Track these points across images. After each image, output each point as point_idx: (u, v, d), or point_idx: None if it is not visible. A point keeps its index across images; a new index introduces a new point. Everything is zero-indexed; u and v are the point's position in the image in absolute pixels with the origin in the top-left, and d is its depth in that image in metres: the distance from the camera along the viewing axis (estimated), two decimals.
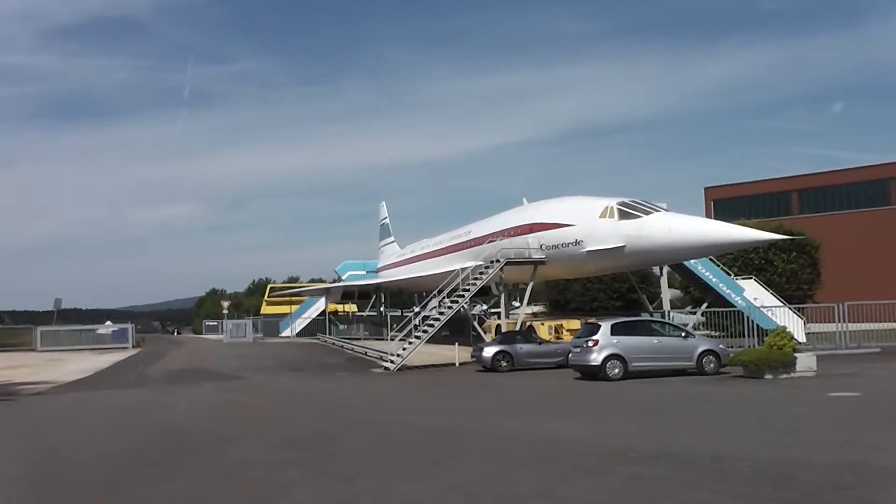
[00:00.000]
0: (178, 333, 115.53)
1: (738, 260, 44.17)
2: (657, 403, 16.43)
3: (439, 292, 34.44)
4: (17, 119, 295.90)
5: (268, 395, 22.43)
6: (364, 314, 65.13)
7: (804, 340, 33.30)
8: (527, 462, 10.05)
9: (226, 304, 70.46)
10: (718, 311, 34.85)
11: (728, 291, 34.36)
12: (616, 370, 22.37)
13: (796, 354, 21.29)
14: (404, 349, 31.26)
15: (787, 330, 22.21)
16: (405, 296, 57.64)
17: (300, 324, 67.58)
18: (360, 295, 61.21)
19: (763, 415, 13.70)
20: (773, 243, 44.46)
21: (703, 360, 23.06)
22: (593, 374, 22.66)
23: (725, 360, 22.89)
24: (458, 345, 32.26)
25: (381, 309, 58.58)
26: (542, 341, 29.44)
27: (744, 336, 31.15)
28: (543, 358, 27.93)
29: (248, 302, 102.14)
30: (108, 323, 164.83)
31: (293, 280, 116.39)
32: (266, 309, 76.96)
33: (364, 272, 67.70)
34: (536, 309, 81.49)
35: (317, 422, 15.48)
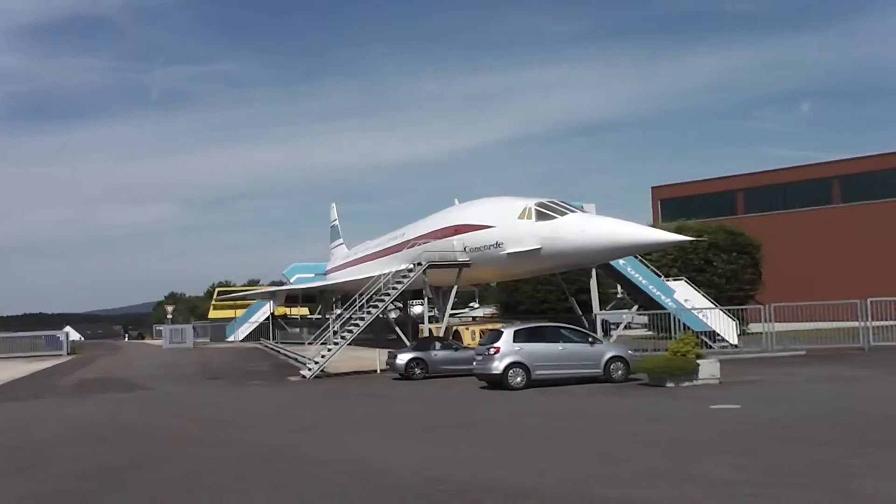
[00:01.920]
0: (142, 338, 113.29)
1: (679, 261, 43.54)
2: (526, 421, 15.45)
3: (360, 297, 33.31)
4: None
5: (152, 409, 21.37)
6: (312, 318, 63.99)
7: (736, 342, 32.66)
8: (304, 497, 9.03)
9: (170, 308, 68.86)
10: (649, 314, 34.27)
11: (658, 293, 33.50)
12: (518, 378, 21.43)
13: (699, 361, 20.42)
14: (323, 356, 30.25)
15: (692, 335, 21.31)
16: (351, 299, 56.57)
17: (247, 328, 66.17)
18: (304, 298, 59.94)
19: (620, 436, 12.78)
20: (712, 243, 44.16)
21: (611, 366, 22.18)
22: (497, 382, 21.71)
23: (634, 366, 22.01)
24: (384, 350, 31.23)
25: (325, 313, 57.35)
26: (458, 347, 28.47)
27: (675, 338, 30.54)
28: (459, 365, 26.87)
29: (204, 305, 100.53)
30: (67, 328, 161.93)
31: (253, 283, 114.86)
32: (213, 313, 75.46)
33: (313, 275, 66.38)
34: (488, 311, 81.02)
35: (162, 442, 14.45)
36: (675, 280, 35.47)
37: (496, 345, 21.98)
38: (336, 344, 30.84)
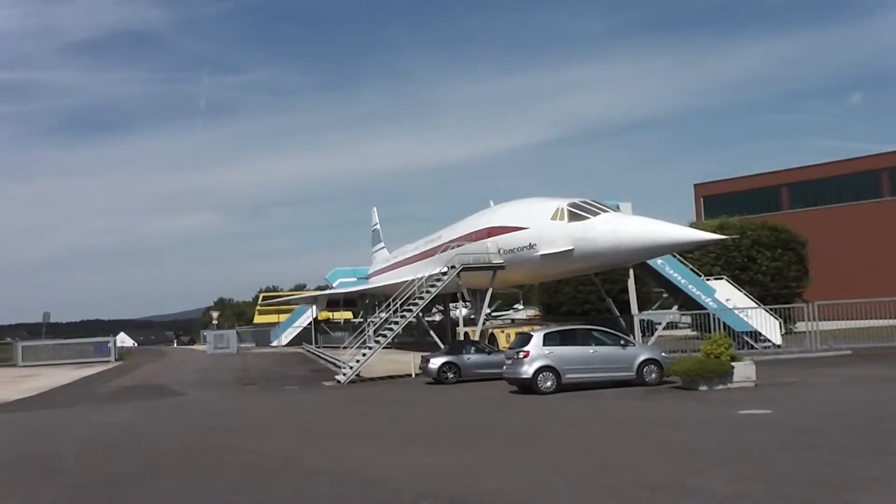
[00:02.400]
0: (192, 343, 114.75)
1: (721, 259, 42.62)
2: (544, 427, 15.02)
3: (394, 301, 33.19)
4: (36, 134, 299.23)
5: (176, 416, 21.38)
6: (355, 321, 64.14)
7: (780, 342, 31.78)
8: None
9: (215, 314, 69.65)
10: (692, 314, 33.49)
11: (698, 293, 32.72)
12: (548, 383, 21.01)
13: (734, 364, 19.77)
14: (357, 361, 30.20)
15: (725, 336, 20.63)
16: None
17: (291, 333, 66.54)
18: (345, 302, 60.10)
19: (634, 443, 12.30)
20: (756, 241, 43.12)
21: (644, 369, 21.61)
22: (526, 387, 21.34)
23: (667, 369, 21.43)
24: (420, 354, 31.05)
25: (366, 317, 57.41)
26: (491, 351, 28.11)
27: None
28: (493, 368, 26.46)
29: (250, 310, 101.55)
30: (121, 334, 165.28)
31: (299, 287, 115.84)
32: (258, 318, 76.04)
33: (355, 279, 66.53)
34: (531, 313, 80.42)
35: (172, 451, 14.44)
36: (716, 279, 34.60)
37: (525, 349, 21.59)
38: (370, 349, 30.77)
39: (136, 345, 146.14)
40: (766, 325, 32.12)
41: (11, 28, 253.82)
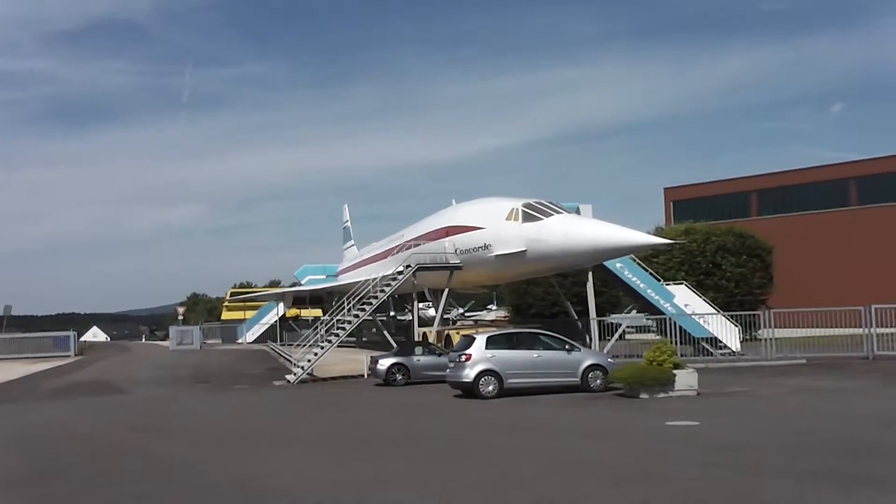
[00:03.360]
0: (167, 339, 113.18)
1: (686, 264, 42.40)
2: (470, 435, 14.55)
3: (347, 300, 32.64)
4: (19, 123, 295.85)
5: (109, 415, 20.77)
6: (324, 319, 63.41)
7: (738, 349, 31.45)
8: None
9: (180, 309, 68.72)
10: (656, 319, 33.07)
11: (657, 297, 32.33)
12: (490, 387, 20.57)
13: (676, 372, 19.36)
14: (309, 360, 29.67)
15: (668, 343, 20.21)
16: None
17: (258, 329, 65.68)
18: (312, 300, 59.35)
19: (548, 455, 11.83)
20: (721, 246, 42.88)
21: (589, 375, 21.19)
22: (468, 390, 20.87)
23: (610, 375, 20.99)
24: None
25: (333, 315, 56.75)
26: (442, 352, 27.60)
27: (676, 345, 29.43)
28: (442, 371, 25.81)
29: (222, 306, 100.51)
30: (94, 329, 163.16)
31: (274, 284, 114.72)
32: (226, 314, 75.11)
33: (324, 276, 65.83)
34: (501, 314, 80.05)
35: (85, 452, 14.08)
36: (675, 284, 34.24)
37: (468, 351, 21.14)
38: (321, 348, 30.24)
39: (108, 339, 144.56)
40: (725, 331, 31.80)
41: None
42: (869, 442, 12.16)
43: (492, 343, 21.31)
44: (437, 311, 35.08)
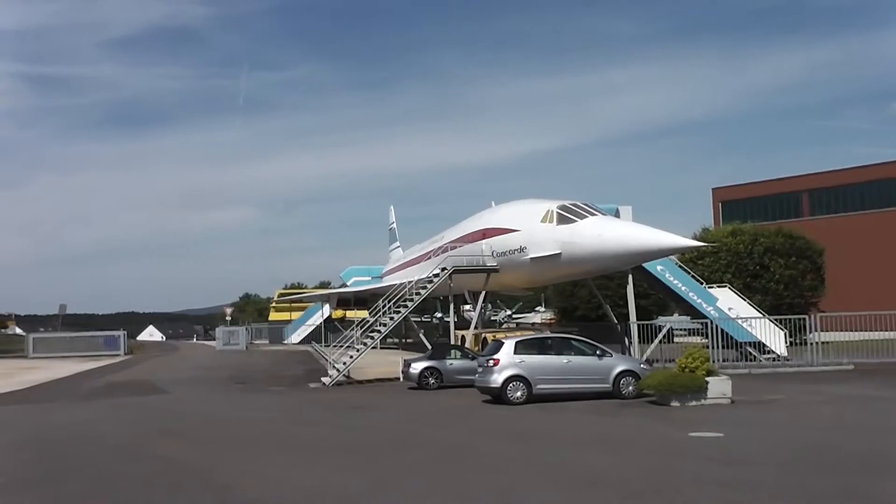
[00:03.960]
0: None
1: (732, 266, 41.22)
2: (483, 443, 14.09)
3: (384, 302, 32.48)
4: (77, 127, 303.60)
5: (134, 416, 20.85)
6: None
7: (785, 354, 30.45)
8: None
9: (228, 310, 69.54)
10: (702, 322, 32.15)
11: (699, 301, 31.47)
12: (518, 393, 20.12)
13: (708, 379, 18.68)
14: (344, 363, 29.58)
15: (704, 350, 19.50)
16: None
17: (304, 330, 66.13)
18: (356, 301, 59.47)
19: (556, 468, 11.39)
20: (769, 248, 41.62)
21: (621, 381, 20.59)
22: (496, 396, 20.48)
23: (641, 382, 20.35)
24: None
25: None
26: (475, 356, 27.24)
27: (718, 349, 28.65)
28: (475, 375, 25.75)
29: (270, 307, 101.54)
30: (151, 328, 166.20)
31: (324, 285, 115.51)
32: (273, 315, 75.81)
33: (369, 278, 65.97)
34: (547, 316, 79.31)
35: (93, 455, 14.08)
36: (718, 287, 33.28)
37: (496, 356, 20.72)
38: (357, 351, 30.12)
39: (163, 338, 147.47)
40: (771, 335, 30.80)
41: (55, 24, 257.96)
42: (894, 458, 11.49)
43: (521, 348, 20.86)
44: (475, 314, 34.71)
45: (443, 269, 31.68)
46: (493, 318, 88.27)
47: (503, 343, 21.25)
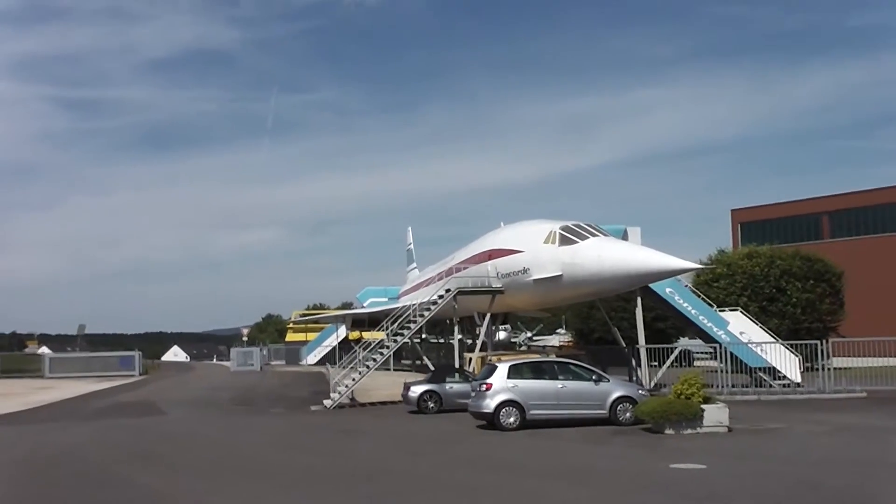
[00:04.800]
0: None
1: (748, 289, 40.33)
2: (451, 475, 13.53)
3: (391, 323, 32.12)
4: (112, 149, 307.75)
5: (126, 440, 20.52)
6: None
7: (798, 380, 29.53)
8: None
9: (245, 330, 69.45)
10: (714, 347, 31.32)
11: (709, 324, 30.68)
12: (511, 419, 19.60)
13: (704, 406, 18.02)
14: (346, 386, 29.25)
15: (699, 377, 18.82)
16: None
17: (320, 351, 65.79)
18: (370, 322, 59.06)
19: (496, 501, 10.95)
20: (786, 270, 40.67)
21: (618, 407, 19.98)
22: (489, 421, 19.93)
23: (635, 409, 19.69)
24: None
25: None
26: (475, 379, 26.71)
27: (728, 374, 27.87)
28: None
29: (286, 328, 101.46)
30: (175, 348, 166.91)
31: (346, 306, 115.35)
32: (290, 336, 75.66)
33: (386, 299, 65.59)
34: (565, 338, 78.40)
35: (59, 483, 13.78)
36: (730, 311, 32.45)
37: (488, 381, 20.22)
38: (360, 373, 29.75)
39: (188, 358, 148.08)
40: (784, 361, 29.88)
41: (92, 47, 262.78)
42: (877, 496, 10.83)
43: (514, 372, 20.34)
44: (487, 336, 34.24)
45: (447, 291, 31.25)
46: (512, 339, 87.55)
47: (496, 367, 20.75)
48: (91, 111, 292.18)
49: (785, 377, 29.60)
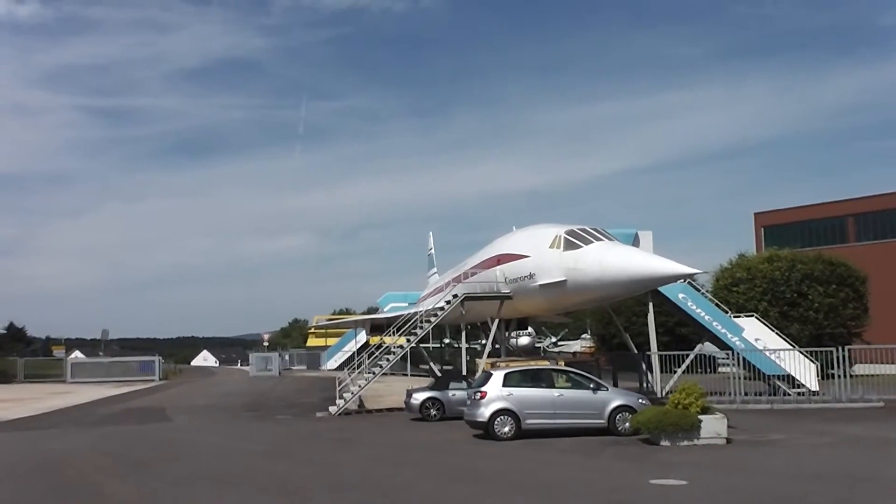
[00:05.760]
0: None
1: (768, 294, 39.39)
2: (429, 487, 13.13)
3: (397, 330, 31.78)
4: (144, 157, 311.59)
5: (121, 448, 20.24)
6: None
7: (815, 388, 28.64)
8: None
9: (266, 336, 69.58)
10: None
11: (724, 331, 29.86)
12: (506, 428, 19.15)
13: (702, 417, 17.39)
14: (352, 392, 28.97)
15: (695, 385, 18.16)
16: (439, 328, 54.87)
17: (341, 356, 65.69)
18: (389, 327, 58.79)
19: None
20: (806, 274, 39.67)
21: (617, 417, 19.43)
22: (484, 430, 19.46)
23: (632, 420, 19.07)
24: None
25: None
26: None
27: (740, 381, 27.10)
28: None
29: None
30: (205, 353, 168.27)
31: (372, 310, 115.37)
32: (311, 341, 75.69)
33: (406, 304, 65.26)
34: (587, 345, 77.49)
35: (28, 492, 13.53)
36: (745, 316, 31.62)
37: (483, 389, 19.76)
38: (366, 380, 29.44)
39: (217, 363, 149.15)
40: (802, 368, 29.00)
41: (123, 57, 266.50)
42: None
43: (510, 380, 19.87)
44: (488, 342, 33.69)
45: (454, 297, 30.83)
46: (536, 344, 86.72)
47: (492, 374, 20.28)
48: (123, 120, 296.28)
49: (802, 385, 28.73)
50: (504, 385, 19.66)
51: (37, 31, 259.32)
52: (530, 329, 76.42)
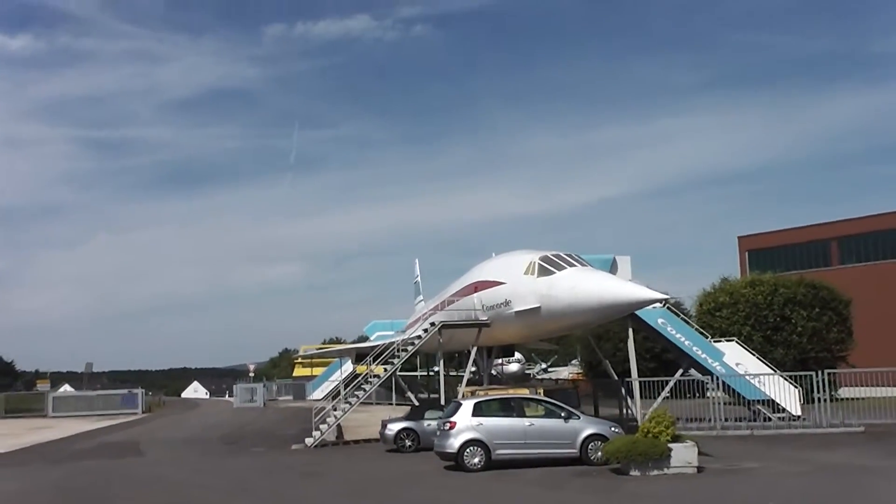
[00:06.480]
0: None
1: (752, 318, 39.14)
2: None
3: (374, 359, 31.37)
4: (135, 187, 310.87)
5: (81, 486, 19.79)
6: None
7: (798, 413, 28.28)
8: None
9: (251, 366, 69.04)
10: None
11: (704, 356, 29.54)
12: (476, 459, 18.74)
13: (671, 445, 17.03)
14: (328, 424, 28.50)
15: (665, 412, 17.84)
16: (428, 356, 54.37)
17: (327, 386, 65.10)
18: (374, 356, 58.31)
19: None
20: (789, 298, 39.44)
21: (589, 446, 19.02)
22: (454, 461, 19.05)
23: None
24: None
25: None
26: None
27: (720, 407, 26.75)
28: None
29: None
30: (195, 384, 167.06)
31: (362, 339, 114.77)
32: (298, 371, 75.10)
33: (392, 332, 64.81)
34: (574, 371, 77.08)
35: None
36: (726, 341, 31.35)
37: (452, 419, 19.37)
38: (342, 411, 28.98)
39: (208, 394, 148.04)
40: (784, 393, 28.66)
41: (116, 89, 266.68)
42: None
43: (479, 410, 19.49)
44: (466, 371, 33.36)
45: (432, 325, 30.49)
46: (526, 371, 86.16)
47: (461, 404, 19.91)
48: (115, 151, 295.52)
49: (784, 410, 28.40)
50: (474, 415, 19.30)
51: (29, 63, 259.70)
52: (519, 356, 76.12)
